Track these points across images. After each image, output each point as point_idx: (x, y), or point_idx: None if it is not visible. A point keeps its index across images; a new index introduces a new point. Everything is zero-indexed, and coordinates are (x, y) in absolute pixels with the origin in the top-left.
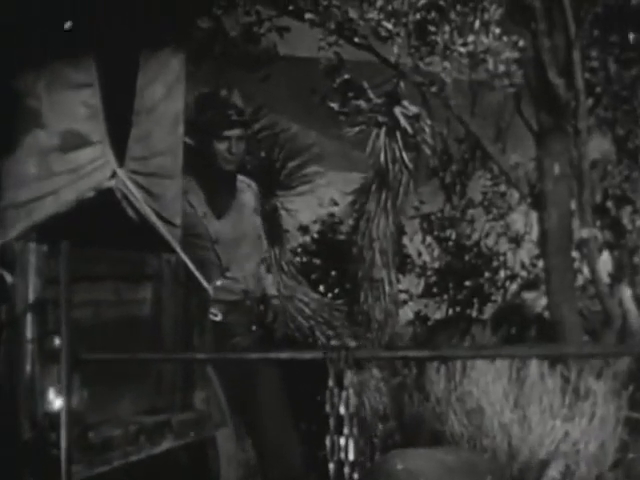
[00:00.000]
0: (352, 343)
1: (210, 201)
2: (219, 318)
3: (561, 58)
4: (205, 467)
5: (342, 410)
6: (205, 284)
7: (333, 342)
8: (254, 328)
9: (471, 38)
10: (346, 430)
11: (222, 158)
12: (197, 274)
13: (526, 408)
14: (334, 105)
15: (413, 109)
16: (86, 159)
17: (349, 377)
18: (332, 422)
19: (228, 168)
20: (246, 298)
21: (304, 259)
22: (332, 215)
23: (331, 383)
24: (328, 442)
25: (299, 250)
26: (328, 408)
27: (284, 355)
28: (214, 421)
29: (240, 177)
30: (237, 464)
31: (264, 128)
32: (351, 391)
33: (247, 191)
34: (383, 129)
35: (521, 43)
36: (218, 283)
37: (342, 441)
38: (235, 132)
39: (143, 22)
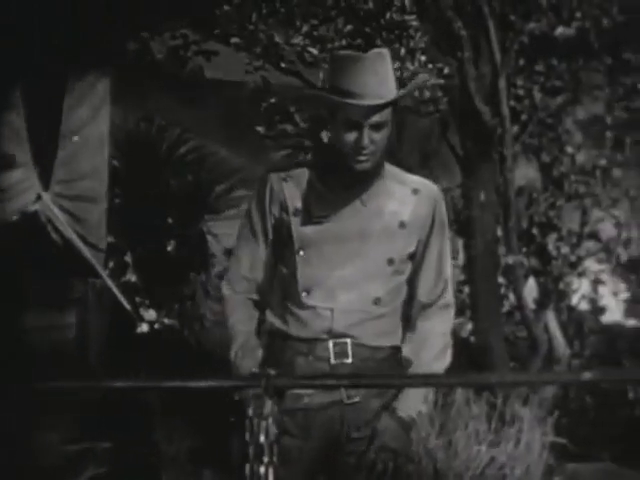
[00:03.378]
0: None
1: None
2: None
3: (487, 86)
4: None
5: (262, 439)
6: (128, 307)
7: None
8: None
9: (396, 64)
10: (266, 459)
11: None
12: (121, 298)
13: (452, 433)
14: (260, 129)
15: None
16: (10, 182)
17: (269, 405)
18: (251, 450)
19: None
20: None
21: None
22: None
23: (251, 412)
24: (247, 471)
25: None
26: (247, 437)
27: (203, 384)
28: None
29: None
30: None
31: (191, 151)
32: (271, 420)
33: None
34: (310, 153)
35: (447, 70)
36: None
37: (262, 470)
38: None
39: (69, 45)
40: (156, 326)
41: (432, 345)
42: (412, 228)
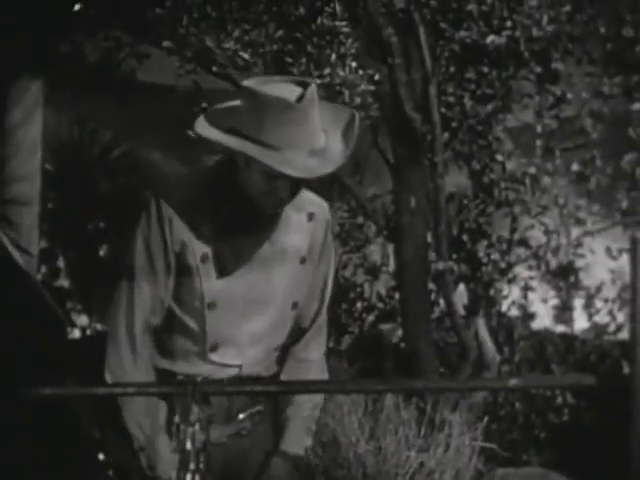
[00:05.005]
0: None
1: None
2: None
3: (417, 92)
4: None
5: (188, 445)
6: (60, 313)
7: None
8: None
9: (327, 70)
10: (192, 465)
11: None
12: (52, 303)
13: (381, 439)
14: (192, 134)
15: None
16: None
17: (196, 412)
18: (179, 458)
19: None
20: None
21: None
22: None
23: (177, 419)
24: (174, 478)
25: None
26: (174, 444)
27: (131, 390)
28: None
29: None
30: None
31: (123, 155)
32: (197, 427)
33: None
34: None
35: (377, 77)
36: None
37: (189, 477)
38: None
39: (1, 46)
40: (88, 332)
41: (311, 376)
42: (310, 261)
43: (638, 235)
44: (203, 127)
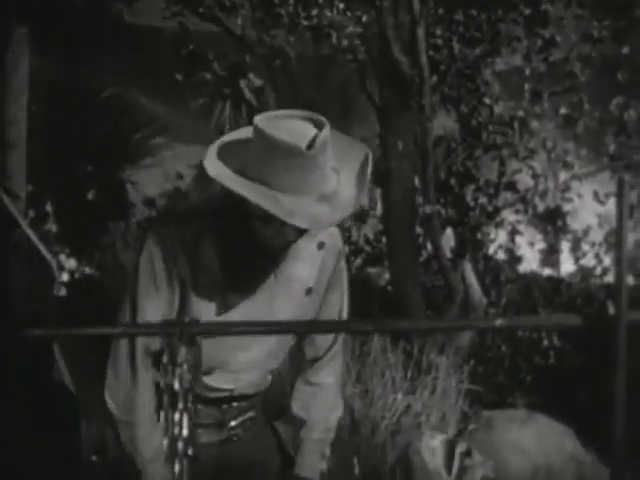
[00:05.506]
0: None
1: None
2: None
3: (405, 35)
4: None
5: (176, 386)
6: (49, 258)
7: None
8: None
9: (315, 12)
10: (180, 405)
11: None
12: (42, 248)
13: (368, 382)
14: (179, 77)
15: (258, 82)
16: None
17: (183, 352)
18: (166, 398)
19: None
20: None
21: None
22: (178, 189)
23: (165, 359)
24: (162, 418)
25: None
26: (162, 384)
27: (119, 330)
28: None
29: None
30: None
31: (110, 98)
32: (185, 367)
33: None
34: (228, 102)
35: (365, 19)
36: None
37: (176, 416)
38: None
39: None
40: (76, 275)
41: (324, 399)
42: (317, 291)
43: (625, 177)
44: (213, 163)
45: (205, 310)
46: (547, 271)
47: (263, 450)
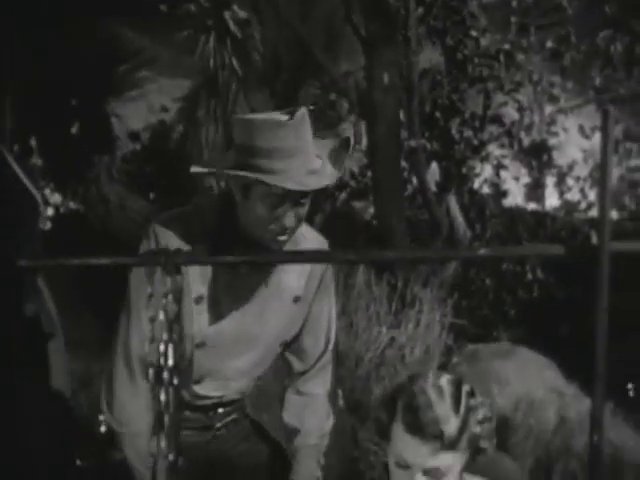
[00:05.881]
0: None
1: None
2: None
3: None
4: None
5: (161, 316)
6: (34, 191)
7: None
8: None
9: None
10: (165, 336)
11: None
12: (27, 181)
13: (353, 315)
14: (163, 8)
15: (242, 14)
16: None
17: (169, 283)
18: (151, 328)
19: None
20: None
21: (135, 166)
22: (162, 122)
23: (150, 289)
24: (147, 348)
25: (129, 157)
26: (148, 314)
27: (104, 261)
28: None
29: None
30: (67, 374)
31: (96, 29)
32: (170, 297)
33: None
34: (212, 34)
35: None
36: None
37: (162, 347)
38: None
39: None
40: (61, 210)
41: (315, 409)
42: (305, 299)
43: (610, 108)
44: (197, 168)
45: (197, 317)
46: (532, 205)
47: (245, 442)
